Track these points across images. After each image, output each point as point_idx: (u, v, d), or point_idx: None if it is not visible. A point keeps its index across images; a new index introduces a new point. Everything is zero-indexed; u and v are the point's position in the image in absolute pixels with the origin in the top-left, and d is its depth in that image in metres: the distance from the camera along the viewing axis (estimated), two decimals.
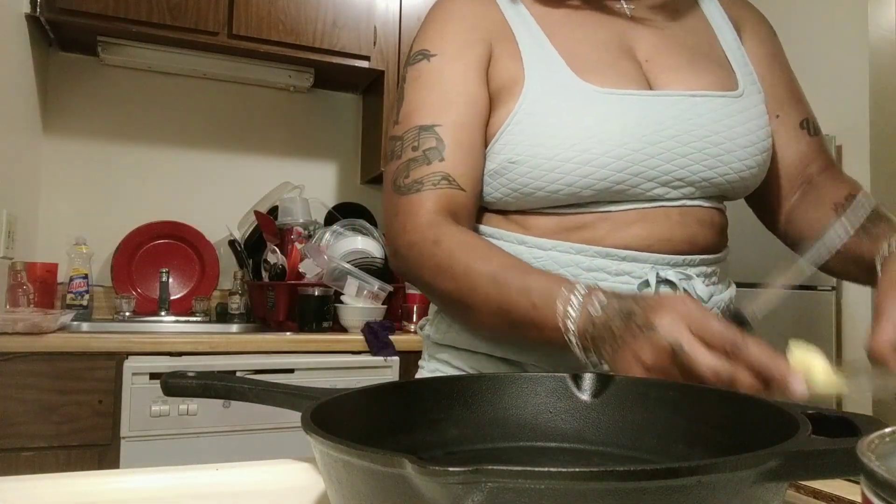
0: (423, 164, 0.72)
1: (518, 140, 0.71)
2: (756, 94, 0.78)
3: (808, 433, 0.35)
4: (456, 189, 0.71)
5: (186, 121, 2.40)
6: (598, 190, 0.70)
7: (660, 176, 0.71)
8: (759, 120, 0.76)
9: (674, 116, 0.71)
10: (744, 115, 0.74)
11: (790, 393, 0.47)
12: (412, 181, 0.71)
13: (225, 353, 1.69)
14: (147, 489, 0.50)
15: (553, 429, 0.53)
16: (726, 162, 0.73)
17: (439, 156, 0.71)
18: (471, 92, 0.74)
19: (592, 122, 0.69)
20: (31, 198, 2.13)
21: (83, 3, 1.91)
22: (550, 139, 0.69)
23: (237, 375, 0.77)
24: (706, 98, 0.73)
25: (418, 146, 0.72)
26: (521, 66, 0.73)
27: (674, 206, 0.72)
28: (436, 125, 0.72)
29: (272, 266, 2.07)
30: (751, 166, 0.74)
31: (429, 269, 0.68)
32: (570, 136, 0.69)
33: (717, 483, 0.29)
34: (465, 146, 0.72)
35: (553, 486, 0.28)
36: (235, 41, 2.10)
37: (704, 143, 0.72)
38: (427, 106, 0.74)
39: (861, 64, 2.29)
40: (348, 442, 0.33)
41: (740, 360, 0.49)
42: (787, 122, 0.83)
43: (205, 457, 1.64)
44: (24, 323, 1.56)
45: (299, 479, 0.53)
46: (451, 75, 0.74)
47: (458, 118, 0.73)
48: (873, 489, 0.22)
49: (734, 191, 0.76)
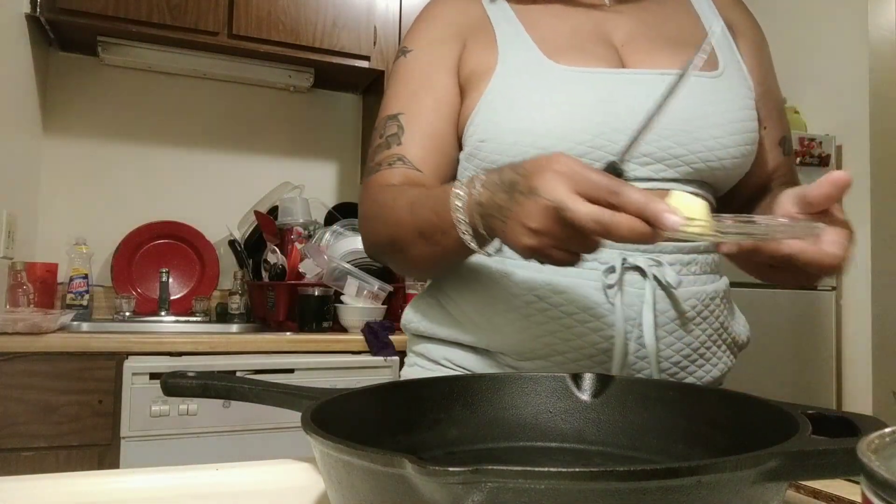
0: (384, 149, 0.77)
1: (488, 119, 0.73)
2: (740, 79, 0.77)
3: (808, 433, 0.35)
4: (411, 169, 0.75)
5: (186, 121, 2.40)
6: None
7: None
8: (740, 102, 0.74)
9: (643, 93, 0.71)
10: (721, 96, 0.73)
11: (663, 225, 0.47)
12: (374, 164, 0.77)
13: (225, 353, 1.69)
14: (147, 489, 0.50)
15: (553, 429, 0.53)
16: (699, 139, 0.71)
17: (398, 140, 0.76)
18: (436, 83, 0.77)
19: (559, 99, 0.70)
20: (31, 198, 2.13)
21: (83, 3, 1.91)
22: (517, 117, 0.71)
23: (237, 375, 0.77)
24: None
25: (384, 133, 0.78)
26: (496, 53, 0.75)
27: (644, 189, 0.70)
28: (400, 114, 0.78)
29: (272, 266, 2.07)
30: (727, 146, 0.72)
31: (374, 226, 0.74)
32: (536, 113, 0.70)
33: (717, 483, 0.29)
34: (424, 132, 0.76)
35: (553, 486, 0.28)
36: (235, 41, 2.10)
37: (674, 120, 0.70)
38: (397, 98, 0.79)
39: (861, 64, 2.29)
40: (348, 442, 0.33)
41: (620, 205, 0.48)
42: (769, 136, 0.83)
43: (205, 457, 1.64)
44: (24, 323, 1.56)
45: (299, 479, 0.53)
46: (421, 69, 0.79)
47: (420, 107, 0.77)
48: (873, 489, 0.22)
49: (713, 175, 0.74)
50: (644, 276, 0.69)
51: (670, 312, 0.70)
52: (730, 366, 0.77)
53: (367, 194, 0.76)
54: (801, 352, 2.21)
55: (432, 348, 0.79)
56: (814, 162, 2.23)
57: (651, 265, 0.69)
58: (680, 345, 0.71)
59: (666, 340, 0.70)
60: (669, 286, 0.69)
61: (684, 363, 0.72)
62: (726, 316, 0.76)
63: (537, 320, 0.70)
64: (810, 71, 2.49)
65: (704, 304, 0.72)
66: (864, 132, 2.27)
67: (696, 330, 0.72)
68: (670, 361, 0.71)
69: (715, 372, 0.74)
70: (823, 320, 2.26)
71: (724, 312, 0.75)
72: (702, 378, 0.73)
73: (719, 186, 0.78)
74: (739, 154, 0.74)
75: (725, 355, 0.76)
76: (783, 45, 2.59)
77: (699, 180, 0.74)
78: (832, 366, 2.27)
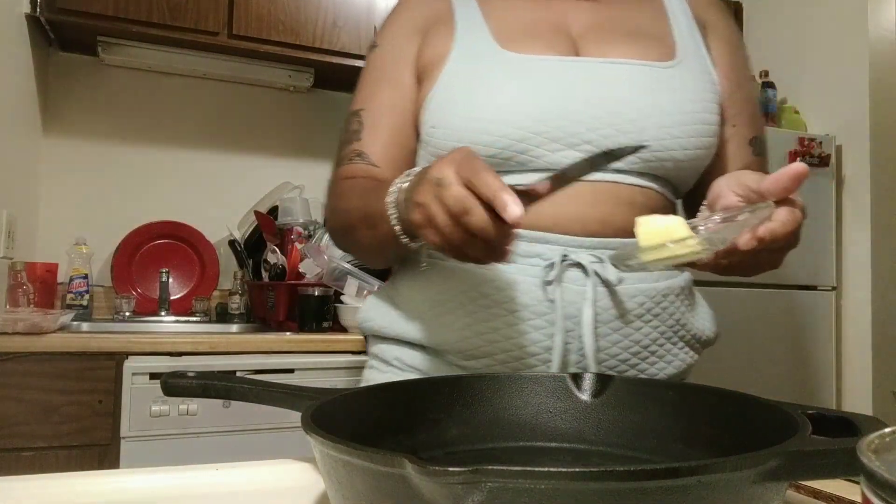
0: (346, 145, 0.81)
1: (439, 106, 0.74)
2: (700, 72, 0.76)
3: (808, 433, 0.35)
4: (369, 165, 0.78)
5: (186, 121, 2.40)
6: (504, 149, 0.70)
7: (566, 137, 0.69)
8: (695, 94, 0.73)
9: (589, 80, 0.71)
10: (673, 85, 0.72)
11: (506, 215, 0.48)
12: (338, 160, 0.81)
13: (225, 353, 1.69)
14: (147, 489, 0.50)
15: (553, 429, 0.53)
16: (646, 129, 0.70)
17: (358, 137, 0.80)
18: (396, 77, 0.79)
19: (507, 86, 0.71)
20: (31, 198, 2.13)
21: (83, 3, 1.91)
22: (467, 103, 0.72)
23: (237, 375, 0.77)
24: (629, 65, 0.72)
25: (347, 129, 0.81)
26: (452, 42, 0.76)
27: (585, 182, 0.69)
28: (361, 110, 0.81)
29: (272, 266, 2.07)
30: (677, 136, 0.71)
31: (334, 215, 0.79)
32: (485, 100, 0.71)
33: (717, 483, 0.29)
34: (382, 126, 0.79)
35: (553, 486, 0.28)
36: (235, 41, 2.09)
37: (621, 108, 0.70)
38: (360, 94, 0.82)
39: (861, 64, 2.29)
40: (348, 442, 0.33)
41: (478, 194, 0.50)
42: (739, 135, 0.81)
43: (205, 457, 1.64)
44: (24, 323, 1.56)
45: (299, 479, 0.53)
46: (382, 64, 0.81)
47: (380, 101, 0.80)
48: (873, 489, 0.22)
49: (665, 169, 0.72)
50: (586, 274, 0.68)
51: (613, 310, 0.69)
52: (690, 362, 0.77)
53: (332, 188, 0.81)
54: (801, 352, 2.21)
55: (385, 349, 0.79)
56: (814, 162, 2.23)
57: (593, 262, 0.69)
58: (627, 342, 0.70)
59: (611, 338, 0.69)
60: (610, 283, 0.69)
61: (633, 360, 0.71)
62: (684, 312, 0.75)
63: (481, 317, 0.70)
64: (810, 71, 2.49)
65: (655, 301, 0.71)
66: (864, 132, 2.27)
67: (644, 327, 0.71)
68: (617, 359, 0.70)
69: (670, 369, 0.73)
70: (823, 320, 2.26)
71: (680, 308, 0.74)
72: (654, 375, 0.72)
73: (676, 183, 0.76)
74: (692, 147, 0.72)
75: (683, 352, 0.75)
76: (783, 44, 2.59)
77: (651, 174, 0.73)
78: (832, 366, 2.27)
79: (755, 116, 0.85)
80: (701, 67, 0.77)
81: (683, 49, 0.77)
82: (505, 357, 0.70)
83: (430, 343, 0.74)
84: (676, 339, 0.74)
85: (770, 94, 2.42)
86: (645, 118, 0.70)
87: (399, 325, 0.77)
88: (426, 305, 0.75)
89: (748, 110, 0.83)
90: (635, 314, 0.70)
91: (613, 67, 0.72)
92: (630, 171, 0.71)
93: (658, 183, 0.74)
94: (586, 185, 0.69)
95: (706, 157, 0.75)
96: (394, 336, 0.78)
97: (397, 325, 0.77)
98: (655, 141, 0.70)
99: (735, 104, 0.81)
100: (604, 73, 0.72)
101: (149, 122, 2.35)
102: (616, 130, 0.70)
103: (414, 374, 0.76)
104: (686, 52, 0.77)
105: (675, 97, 0.72)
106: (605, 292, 0.69)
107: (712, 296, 0.92)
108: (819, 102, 2.45)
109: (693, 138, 0.72)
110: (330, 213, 0.81)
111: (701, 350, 0.80)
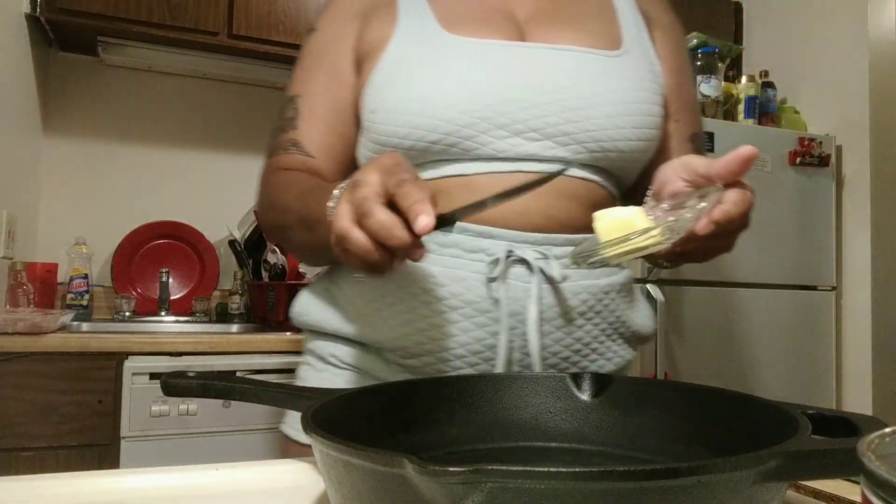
0: (281, 133, 0.77)
1: (379, 90, 0.71)
2: (645, 63, 0.76)
3: (808, 433, 0.35)
4: (305, 156, 0.75)
5: (186, 121, 2.40)
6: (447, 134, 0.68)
7: (511, 124, 0.68)
8: (640, 84, 0.73)
9: (534, 66, 0.69)
10: (618, 75, 0.72)
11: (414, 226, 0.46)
12: (272, 147, 0.78)
13: (225, 353, 1.69)
14: (147, 489, 0.50)
15: (553, 429, 0.53)
16: (590, 117, 0.69)
17: (293, 124, 0.76)
18: (334, 62, 0.76)
19: (450, 68, 0.69)
20: (31, 198, 2.13)
21: (83, 3, 1.91)
22: (408, 86, 0.69)
23: (237, 375, 0.77)
24: (574, 52, 0.71)
25: (283, 115, 0.78)
26: (394, 25, 0.73)
27: (530, 174, 0.68)
28: (297, 96, 0.78)
29: (272, 266, 2.07)
30: (621, 126, 0.70)
31: (265, 209, 0.75)
32: (426, 82, 0.68)
33: (717, 483, 0.29)
34: (319, 114, 0.76)
35: (553, 486, 0.28)
36: (235, 41, 2.09)
37: (566, 95, 0.69)
38: (296, 79, 0.79)
39: (861, 64, 2.29)
40: (348, 442, 0.33)
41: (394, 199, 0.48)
42: (681, 130, 0.81)
43: (205, 457, 1.64)
44: (24, 323, 1.56)
45: (299, 479, 0.53)
46: (319, 49, 0.78)
47: (316, 88, 0.77)
48: (873, 489, 0.22)
49: (609, 159, 0.72)
50: (530, 270, 0.67)
51: (557, 308, 0.68)
52: (629, 358, 0.77)
53: (265, 178, 0.77)
54: (801, 352, 2.21)
55: (322, 345, 0.77)
56: (814, 162, 2.23)
57: (538, 258, 0.68)
58: (569, 340, 0.70)
59: (554, 336, 0.69)
60: (554, 280, 0.68)
61: (575, 358, 0.71)
62: (624, 309, 0.75)
63: (423, 314, 0.68)
64: (810, 71, 2.49)
65: (597, 298, 0.71)
66: (864, 132, 2.27)
67: (587, 325, 0.70)
68: (559, 357, 0.69)
69: (610, 366, 0.73)
70: (823, 320, 2.26)
71: (621, 305, 0.74)
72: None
73: (620, 176, 0.76)
74: (635, 137, 0.72)
75: (622, 348, 0.75)
76: (783, 44, 2.59)
77: (595, 166, 0.72)
78: (832, 366, 2.26)
79: (696, 113, 0.85)
80: (646, 60, 0.76)
81: (629, 40, 0.76)
82: (446, 355, 0.68)
83: (369, 340, 0.72)
84: (616, 335, 0.74)
85: (770, 94, 2.42)
86: (591, 106, 0.69)
87: (336, 320, 0.75)
88: (365, 300, 0.72)
89: (690, 106, 0.83)
90: (578, 311, 0.70)
91: (559, 54, 0.71)
92: (578, 161, 0.70)
93: (602, 176, 0.73)
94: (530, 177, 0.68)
95: (650, 150, 0.74)
96: (330, 331, 0.75)
97: (335, 320, 0.75)
98: (600, 131, 0.69)
99: (678, 99, 0.80)
100: (550, 59, 0.70)
101: (149, 122, 2.35)
102: (561, 118, 0.69)
103: (351, 372, 0.74)
104: (631, 44, 0.76)
105: (621, 86, 0.71)
106: (549, 290, 0.68)
107: (712, 296, 0.93)
108: (819, 102, 2.45)
109: (637, 129, 0.72)
110: (265, 206, 0.76)
111: (637, 346, 0.80)
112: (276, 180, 0.74)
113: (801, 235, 2.22)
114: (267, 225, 0.78)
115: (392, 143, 0.70)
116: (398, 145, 0.70)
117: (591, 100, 0.69)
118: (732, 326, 2.09)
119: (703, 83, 2.25)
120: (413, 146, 0.69)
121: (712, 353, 2.06)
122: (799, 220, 2.22)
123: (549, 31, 0.74)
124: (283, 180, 0.73)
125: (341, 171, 0.77)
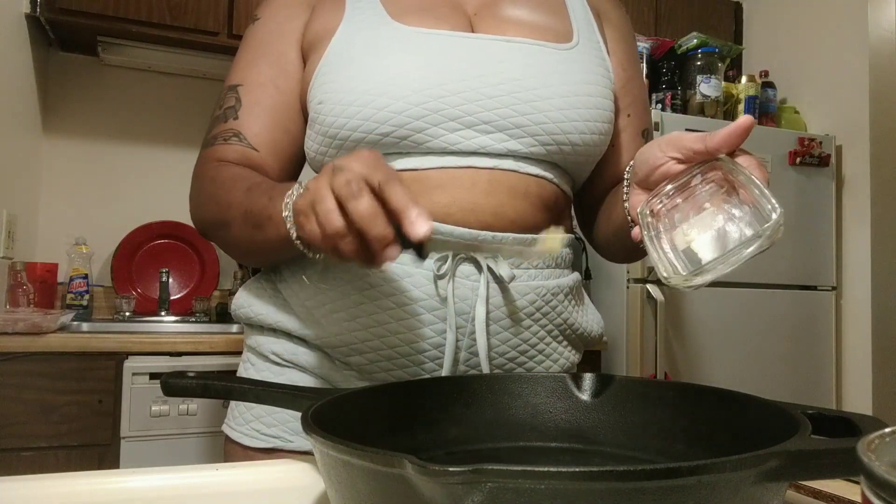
0: (221, 122, 0.73)
1: (326, 80, 0.69)
2: (596, 58, 0.75)
3: (808, 433, 0.35)
4: (248, 147, 0.72)
5: (186, 121, 2.40)
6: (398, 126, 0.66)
7: (462, 116, 0.67)
8: (592, 78, 0.72)
9: (484, 57, 0.68)
10: (569, 67, 0.71)
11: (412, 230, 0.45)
12: (210, 137, 0.74)
13: (225, 353, 1.69)
14: (147, 489, 0.50)
15: (553, 429, 0.53)
16: (542, 110, 0.68)
17: (234, 114, 0.73)
18: (279, 52, 0.74)
19: (398, 58, 0.67)
20: (31, 198, 2.13)
21: (83, 3, 1.91)
22: (355, 76, 0.67)
23: (237, 375, 0.77)
24: (525, 44, 0.71)
25: (222, 105, 0.74)
26: (342, 15, 0.72)
27: (483, 170, 0.67)
28: (238, 85, 0.74)
29: None
30: (573, 119, 0.69)
31: (205, 202, 0.70)
32: (374, 72, 0.67)
33: (717, 483, 0.29)
34: (262, 106, 0.73)
35: (553, 486, 0.28)
36: (235, 41, 2.09)
37: (516, 88, 0.68)
38: (238, 67, 0.76)
39: (861, 64, 2.29)
40: (348, 442, 0.33)
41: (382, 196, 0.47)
42: (632, 125, 0.81)
43: (205, 457, 1.64)
44: (24, 323, 1.56)
45: (299, 479, 0.53)
46: (263, 37, 0.75)
47: (259, 77, 0.73)
48: (873, 489, 0.22)
49: (563, 154, 0.71)
50: (479, 269, 0.67)
51: (505, 308, 0.68)
52: (575, 361, 0.76)
53: (202, 168, 0.72)
54: (801, 352, 2.21)
55: (262, 341, 0.74)
56: (814, 162, 2.23)
57: (486, 257, 0.67)
58: (516, 340, 0.69)
59: (501, 336, 0.68)
60: (503, 280, 0.67)
61: (521, 359, 0.70)
62: (571, 311, 0.74)
63: (368, 310, 0.67)
64: (810, 71, 2.49)
65: (545, 299, 0.70)
66: (864, 132, 2.27)
67: (534, 325, 0.70)
68: (506, 357, 0.69)
69: (555, 368, 0.73)
70: (823, 320, 2.26)
71: (568, 307, 0.74)
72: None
73: (573, 172, 0.75)
74: (588, 130, 0.71)
75: (567, 350, 0.75)
76: (783, 44, 2.59)
77: (547, 161, 0.71)
78: (832, 366, 2.27)
79: (646, 109, 0.85)
80: (597, 54, 0.76)
81: (579, 34, 0.76)
82: (391, 353, 0.67)
83: (312, 336, 0.70)
84: (562, 338, 0.74)
85: (770, 94, 2.42)
86: (542, 98, 0.68)
87: (278, 314, 0.72)
88: (309, 293, 0.70)
89: (640, 101, 0.83)
90: (526, 312, 0.69)
91: (510, 45, 0.70)
92: (528, 156, 0.69)
93: (555, 173, 0.72)
94: (483, 172, 0.67)
95: (602, 144, 0.74)
96: (272, 326, 0.73)
97: (277, 314, 0.72)
98: (553, 123, 0.69)
99: (628, 94, 0.80)
100: (500, 50, 0.70)
101: (149, 122, 2.35)
102: (513, 111, 0.68)
103: (293, 371, 0.72)
104: (582, 37, 0.75)
105: (572, 79, 0.70)
106: (497, 289, 0.68)
107: (712, 296, 0.93)
108: (819, 102, 2.45)
109: (590, 122, 0.71)
110: (202, 199, 0.71)
111: (583, 349, 0.79)
112: (216, 174, 0.69)
113: (801, 235, 2.23)
114: (202, 219, 0.71)
115: (341, 136, 0.68)
116: (347, 137, 0.68)
117: (543, 91, 0.68)
118: (732, 326, 2.09)
119: (703, 83, 2.25)
120: (363, 139, 0.67)
121: (712, 353, 2.06)
122: (799, 220, 2.23)
123: (499, 23, 0.73)
124: (226, 174, 0.68)
125: (285, 168, 0.75)
